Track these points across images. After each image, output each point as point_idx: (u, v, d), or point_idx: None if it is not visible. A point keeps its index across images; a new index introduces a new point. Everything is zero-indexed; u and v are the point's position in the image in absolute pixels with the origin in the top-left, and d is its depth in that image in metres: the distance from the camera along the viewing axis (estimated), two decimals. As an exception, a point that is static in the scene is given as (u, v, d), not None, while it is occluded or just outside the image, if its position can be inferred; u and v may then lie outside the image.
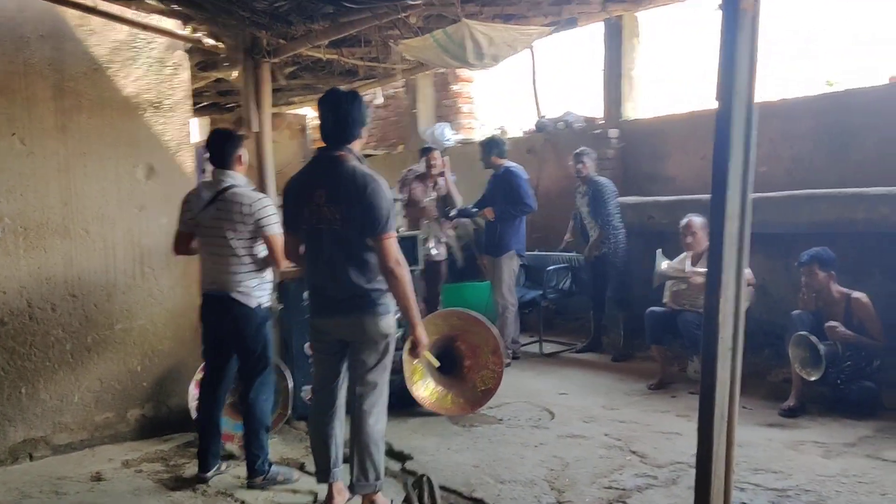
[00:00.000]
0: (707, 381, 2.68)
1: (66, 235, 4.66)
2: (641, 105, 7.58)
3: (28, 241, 4.54)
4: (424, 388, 5.15)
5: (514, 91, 9.56)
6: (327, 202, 3.41)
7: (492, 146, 6.71)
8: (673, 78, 8.30)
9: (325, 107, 3.47)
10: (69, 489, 4.12)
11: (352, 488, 3.54)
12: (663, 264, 5.51)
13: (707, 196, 5.65)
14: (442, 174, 6.81)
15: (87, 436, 4.76)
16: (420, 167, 6.96)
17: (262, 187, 5.36)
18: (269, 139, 5.37)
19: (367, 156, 10.95)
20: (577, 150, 6.70)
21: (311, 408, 3.71)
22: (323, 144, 3.55)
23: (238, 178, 3.98)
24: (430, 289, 6.78)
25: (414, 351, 3.57)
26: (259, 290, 3.99)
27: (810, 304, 4.99)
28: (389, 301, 3.51)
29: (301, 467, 4.31)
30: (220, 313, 4.00)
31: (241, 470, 4.14)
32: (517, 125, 9.20)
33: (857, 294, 4.84)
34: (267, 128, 5.32)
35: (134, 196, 4.89)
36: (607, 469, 4.04)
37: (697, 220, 5.57)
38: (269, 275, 4.07)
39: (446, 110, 10.04)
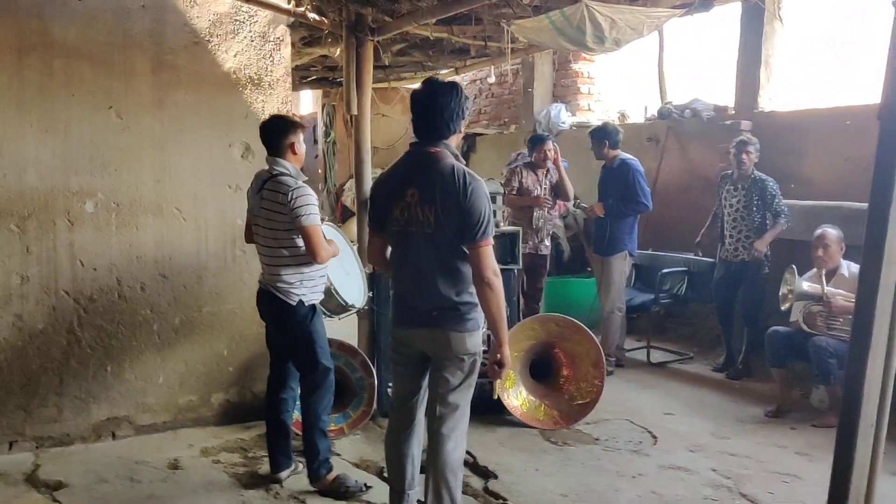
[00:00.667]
0: (842, 461, 2.22)
1: (158, 214, 4.55)
2: (779, 96, 6.89)
3: (120, 218, 4.46)
4: (516, 397, 4.82)
5: (639, 73, 8.94)
6: (420, 202, 3.09)
7: (604, 136, 6.20)
8: (817, 68, 7.51)
9: (419, 99, 3.14)
10: (144, 477, 4.04)
11: (426, 516, 3.26)
12: (804, 284, 4.90)
13: (849, 204, 5.04)
14: (555, 162, 6.36)
15: (169, 418, 4.69)
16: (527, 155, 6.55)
17: (358, 171, 5.10)
18: (368, 121, 5.07)
19: (477, 135, 10.65)
20: (741, 139, 5.96)
21: (388, 424, 3.43)
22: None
23: (287, 167, 3.72)
24: (531, 283, 6.41)
25: (494, 371, 3.22)
26: (301, 287, 3.73)
27: None
28: (479, 316, 3.18)
29: (380, 472, 4.08)
30: (265, 307, 3.84)
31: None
32: (639, 110, 8.62)
33: None
34: (366, 109, 5.03)
35: (229, 175, 4.73)
36: (712, 515, 3.61)
37: (833, 233, 4.95)
38: (314, 270, 3.78)
39: (564, 90, 9.54)
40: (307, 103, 12.22)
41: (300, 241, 3.67)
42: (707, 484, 3.94)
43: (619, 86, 9.29)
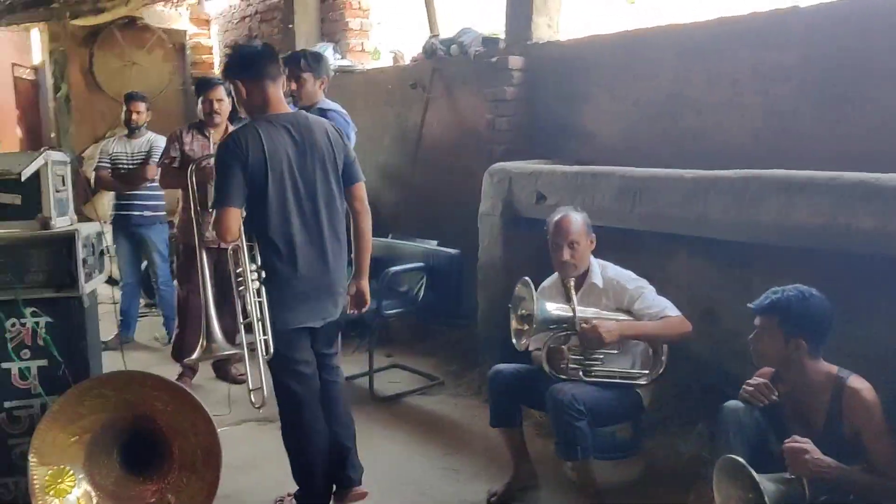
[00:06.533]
0: None
1: None
2: (560, 21, 5.16)
3: None
4: (62, 499, 2.92)
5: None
6: None
7: (299, 62, 4.12)
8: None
9: None
10: None
11: None
12: (550, 307, 3.16)
13: (631, 170, 3.40)
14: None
15: None
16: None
17: None
18: None
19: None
20: None
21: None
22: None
23: None
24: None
25: None
26: None
27: (764, 392, 2.70)
28: None
29: None
30: None
31: None
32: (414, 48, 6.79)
33: (855, 382, 2.54)
34: None
35: None
36: None
37: (578, 220, 3.26)
38: None
39: (332, 26, 7.59)
40: (36, 50, 9.82)
41: None
42: None
43: (396, 19, 7.40)
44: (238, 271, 2.85)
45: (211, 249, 3.89)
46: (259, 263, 2.84)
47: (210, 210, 2.96)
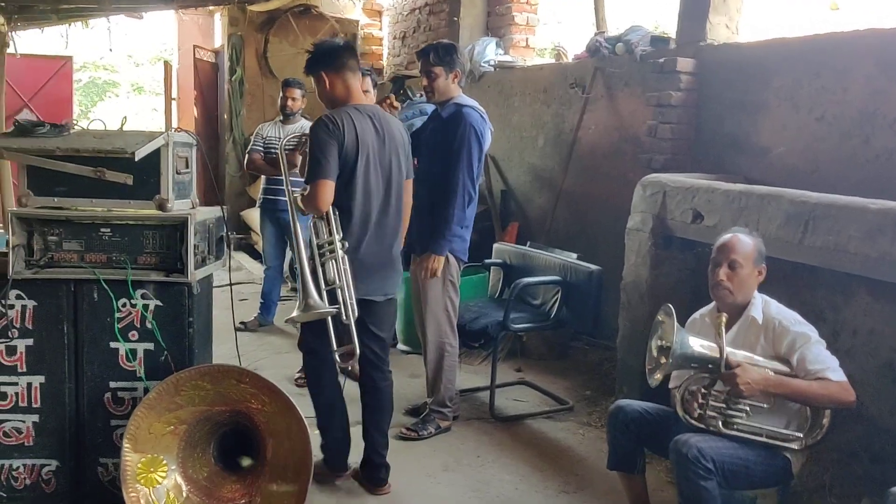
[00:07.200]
0: None
1: None
2: (740, 22, 4.63)
3: None
4: (162, 497, 2.84)
5: (587, -3, 6.67)
6: None
7: (433, 56, 3.82)
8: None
9: None
10: None
11: None
12: (694, 342, 2.75)
13: (807, 194, 3.00)
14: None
15: None
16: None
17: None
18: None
19: (407, 77, 8.52)
20: None
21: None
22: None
23: None
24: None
25: None
26: None
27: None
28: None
29: None
30: None
31: None
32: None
33: None
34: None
35: None
36: None
37: (748, 242, 2.80)
38: None
39: (498, 21, 7.34)
40: (218, 34, 10.22)
41: None
42: None
43: (565, 15, 7.04)
44: (319, 242, 3.01)
45: None
46: (343, 234, 3.03)
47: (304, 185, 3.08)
